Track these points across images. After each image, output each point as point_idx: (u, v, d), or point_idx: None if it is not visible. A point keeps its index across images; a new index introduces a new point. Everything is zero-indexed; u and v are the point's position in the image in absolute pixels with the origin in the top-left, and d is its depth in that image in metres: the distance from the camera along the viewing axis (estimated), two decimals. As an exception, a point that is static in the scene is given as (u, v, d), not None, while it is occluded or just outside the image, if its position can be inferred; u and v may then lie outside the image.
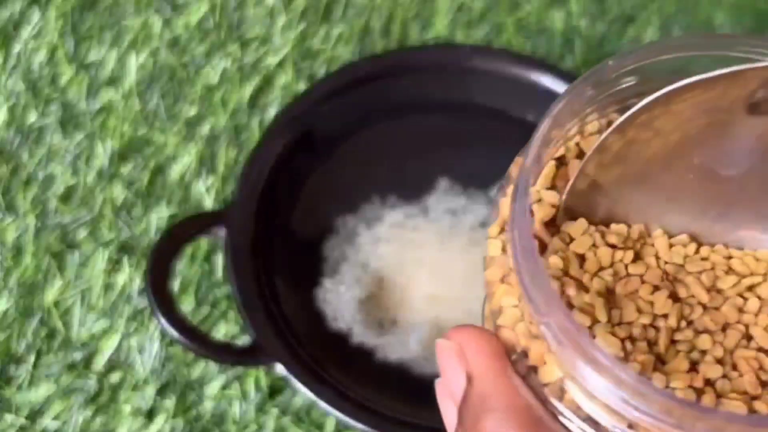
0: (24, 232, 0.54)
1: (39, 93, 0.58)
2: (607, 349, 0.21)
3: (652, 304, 0.23)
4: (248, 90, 0.58)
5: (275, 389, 0.50)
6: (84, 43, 0.60)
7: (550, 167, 0.24)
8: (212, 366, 0.50)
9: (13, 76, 0.59)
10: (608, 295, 0.23)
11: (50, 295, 0.52)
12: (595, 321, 0.22)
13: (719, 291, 0.24)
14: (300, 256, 0.52)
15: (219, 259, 0.52)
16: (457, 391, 0.23)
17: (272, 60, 0.59)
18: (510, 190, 0.24)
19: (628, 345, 0.22)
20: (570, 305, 0.22)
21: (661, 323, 0.23)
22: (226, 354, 0.48)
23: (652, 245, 0.25)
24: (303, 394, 0.46)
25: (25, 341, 0.51)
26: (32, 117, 0.57)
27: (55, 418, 0.49)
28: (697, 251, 0.25)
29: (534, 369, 0.23)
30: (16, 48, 0.60)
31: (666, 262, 0.24)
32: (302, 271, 0.52)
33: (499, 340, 0.23)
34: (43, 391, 0.49)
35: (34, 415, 0.49)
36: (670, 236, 0.25)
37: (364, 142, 0.54)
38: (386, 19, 0.61)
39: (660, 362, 0.22)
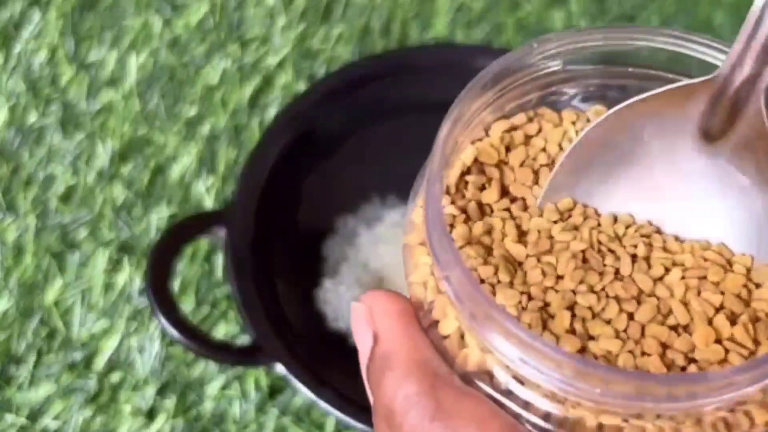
0: (24, 232, 0.54)
1: (39, 93, 0.58)
2: (502, 303, 0.22)
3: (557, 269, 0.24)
4: (248, 90, 0.58)
5: (275, 389, 0.50)
6: (84, 44, 0.60)
7: (467, 143, 0.25)
8: (212, 366, 0.50)
9: (14, 76, 0.59)
10: (518, 262, 0.24)
11: (50, 295, 0.52)
12: (498, 282, 0.23)
13: (648, 264, 0.24)
14: (300, 256, 0.52)
15: (219, 259, 0.52)
16: (366, 353, 0.24)
17: (272, 60, 0.59)
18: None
19: (525, 302, 0.23)
20: (474, 269, 0.23)
21: (563, 286, 0.23)
22: (226, 354, 0.48)
23: (598, 223, 0.25)
24: (303, 394, 0.46)
25: (26, 341, 0.51)
26: (32, 117, 0.57)
27: (56, 417, 0.49)
28: (639, 230, 0.25)
29: (436, 323, 0.23)
30: (17, 48, 0.60)
31: (600, 233, 0.25)
32: (302, 271, 0.52)
33: (408, 300, 0.24)
34: (43, 391, 0.49)
35: (35, 414, 0.49)
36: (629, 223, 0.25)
37: (364, 142, 0.54)
38: (386, 19, 0.61)
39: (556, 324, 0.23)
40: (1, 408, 0.49)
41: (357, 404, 0.46)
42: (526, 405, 0.22)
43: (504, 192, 0.25)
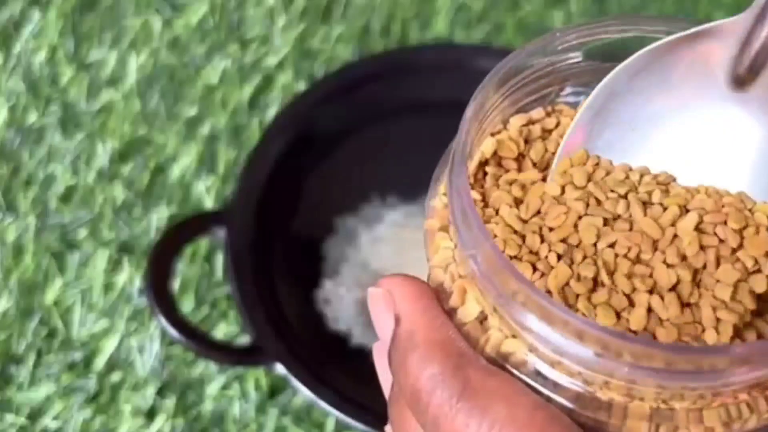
0: (24, 232, 0.54)
1: (39, 93, 0.58)
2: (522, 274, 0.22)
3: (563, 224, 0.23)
4: (248, 90, 0.58)
5: (275, 389, 0.50)
6: (84, 43, 0.60)
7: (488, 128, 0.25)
8: (212, 366, 0.50)
9: (14, 76, 0.59)
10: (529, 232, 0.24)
11: (50, 295, 0.52)
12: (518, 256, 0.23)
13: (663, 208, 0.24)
14: (300, 256, 0.52)
15: (219, 259, 0.52)
16: (387, 336, 0.23)
17: (272, 60, 0.59)
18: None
19: (541, 266, 0.23)
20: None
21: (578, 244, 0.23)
22: (226, 354, 0.48)
23: (606, 173, 0.25)
24: (303, 394, 0.46)
25: (25, 341, 0.51)
26: (32, 117, 0.57)
27: (55, 417, 0.49)
28: (656, 179, 0.25)
29: (456, 309, 0.23)
30: (17, 48, 0.60)
31: (608, 180, 0.24)
32: (302, 271, 0.52)
33: (427, 283, 0.24)
34: (43, 390, 0.49)
35: (35, 414, 0.49)
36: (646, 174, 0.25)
37: (364, 142, 0.54)
38: (386, 19, 0.61)
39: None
40: (1, 408, 0.49)
41: (357, 404, 0.46)
42: (555, 386, 0.21)
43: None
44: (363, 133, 0.55)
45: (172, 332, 0.46)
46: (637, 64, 0.24)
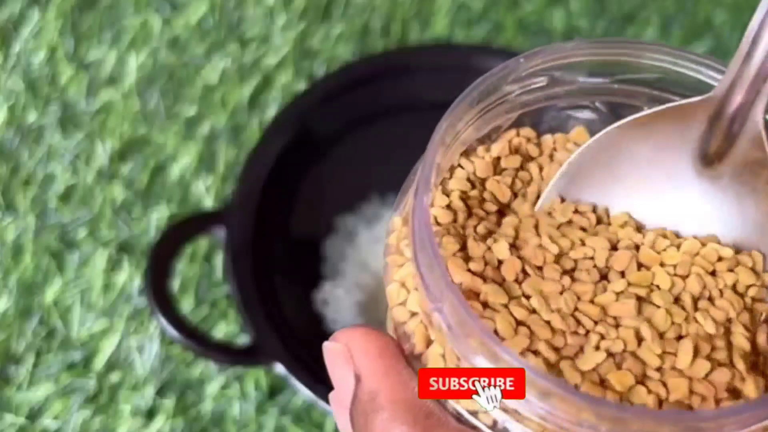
0: (23, 232, 0.54)
1: (38, 92, 0.58)
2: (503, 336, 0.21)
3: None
4: (248, 90, 0.58)
5: (275, 389, 0.50)
6: (84, 43, 0.60)
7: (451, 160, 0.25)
8: (212, 366, 0.50)
9: (13, 75, 0.59)
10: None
11: (50, 294, 0.52)
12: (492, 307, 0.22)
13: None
14: (300, 255, 0.52)
15: (219, 259, 0.52)
16: (347, 395, 0.22)
17: (272, 59, 0.59)
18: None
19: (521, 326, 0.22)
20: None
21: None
22: (225, 354, 0.48)
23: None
24: (303, 394, 0.46)
25: (25, 341, 0.51)
26: (32, 116, 0.57)
27: (55, 418, 0.49)
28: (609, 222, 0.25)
29: (420, 355, 0.22)
30: (16, 47, 0.60)
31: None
32: (302, 271, 0.52)
33: (388, 335, 0.23)
34: (42, 390, 0.49)
35: (34, 414, 0.49)
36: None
37: (364, 142, 0.54)
38: (386, 19, 0.61)
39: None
40: (1, 408, 0.49)
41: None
42: None
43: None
44: (363, 133, 0.54)
45: (172, 332, 0.46)
46: (606, 139, 0.24)
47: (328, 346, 0.23)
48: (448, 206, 0.24)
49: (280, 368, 0.46)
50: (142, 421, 0.49)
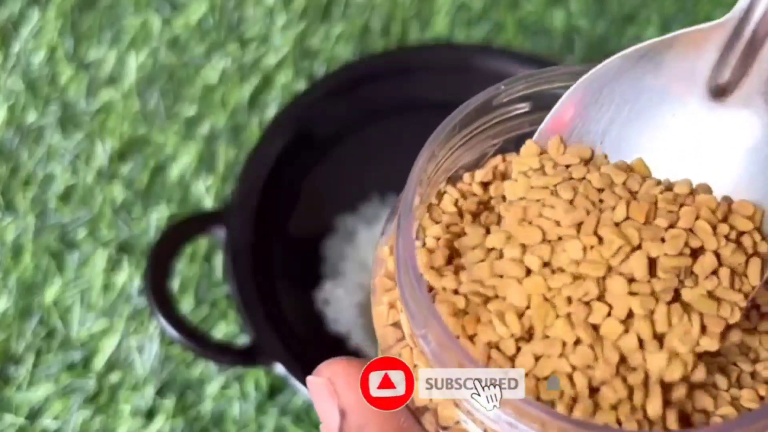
0: (23, 232, 0.54)
1: (38, 92, 0.58)
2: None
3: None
4: (248, 90, 0.58)
5: (275, 389, 0.50)
6: (83, 43, 0.60)
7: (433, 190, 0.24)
8: (212, 366, 0.50)
9: (13, 75, 0.59)
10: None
11: (50, 294, 0.52)
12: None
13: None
14: (300, 255, 0.52)
15: (219, 259, 0.52)
16: (332, 427, 0.22)
17: (272, 59, 0.59)
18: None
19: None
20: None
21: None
22: (225, 354, 0.48)
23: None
24: (303, 394, 0.46)
25: (25, 341, 0.51)
26: (32, 116, 0.57)
27: (55, 418, 0.49)
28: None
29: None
30: (16, 47, 0.60)
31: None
32: (302, 271, 0.52)
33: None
34: (42, 391, 0.49)
35: (34, 415, 0.49)
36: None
37: (364, 141, 0.54)
38: (386, 19, 0.61)
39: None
40: (1, 408, 0.49)
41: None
42: None
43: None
44: (363, 132, 0.54)
45: (172, 332, 0.46)
46: (610, 70, 0.24)
47: (311, 381, 0.22)
48: (436, 237, 0.24)
49: (279, 368, 0.46)
50: (142, 421, 0.49)
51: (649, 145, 0.24)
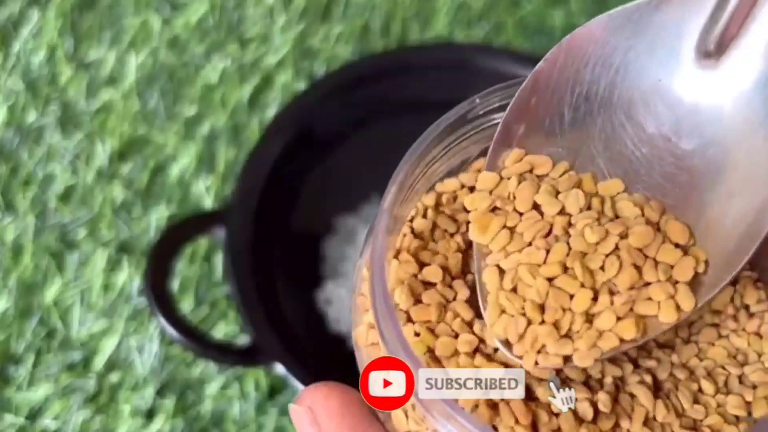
0: (23, 232, 0.53)
1: (38, 92, 0.58)
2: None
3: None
4: (248, 90, 0.58)
5: (275, 389, 0.50)
6: (83, 43, 0.60)
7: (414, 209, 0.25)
8: (212, 366, 0.50)
9: (13, 75, 0.59)
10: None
11: (50, 294, 0.52)
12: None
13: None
14: (300, 256, 0.52)
15: (219, 259, 0.52)
16: None
17: (272, 59, 0.59)
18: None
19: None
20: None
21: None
22: (225, 354, 0.48)
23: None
24: (303, 394, 0.46)
25: (25, 341, 0.51)
26: (31, 116, 0.57)
27: (55, 418, 0.49)
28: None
29: (390, 415, 0.22)
30: (16, 47, 0.60)
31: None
32: (302, 271, 0.52)
33: (350, 390, 0.22)
34: (42, 391, 0.49)
35: (34, 415, 0.49)
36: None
37: (364, 141, 0.54)
38: (386, 19, 0.61)
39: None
40: (1, 408, 0.49)
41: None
42: None
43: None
44: (363, 132, 0.54)
45: (172, 332, 0.46)
46: (596, 28, 0.23)
47: (293, 409, 0.22)
48: (411, 252, 0.24)
49: (279, 368, 0.46)
50: (142, 421, 0.49)
51: (633, 111, 0.23)
